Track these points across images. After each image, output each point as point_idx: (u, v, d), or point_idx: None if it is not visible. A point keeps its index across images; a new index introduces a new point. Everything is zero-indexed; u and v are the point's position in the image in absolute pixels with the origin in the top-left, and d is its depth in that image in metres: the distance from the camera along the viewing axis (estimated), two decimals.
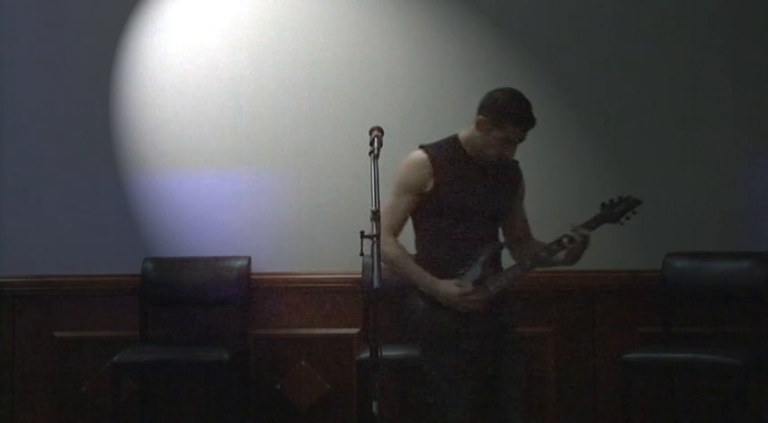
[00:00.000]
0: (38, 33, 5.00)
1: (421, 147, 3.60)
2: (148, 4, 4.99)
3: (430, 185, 3.51)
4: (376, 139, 3.38)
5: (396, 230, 3.55)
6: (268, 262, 4.90)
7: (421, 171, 3.53)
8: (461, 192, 3.52)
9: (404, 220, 3.57)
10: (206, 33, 4.98)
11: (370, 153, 3.33)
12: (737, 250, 4.70)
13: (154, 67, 4.98)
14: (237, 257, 4.88)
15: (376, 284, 3.03)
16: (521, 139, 3.54)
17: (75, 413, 4.90)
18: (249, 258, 4.87)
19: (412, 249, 3.56)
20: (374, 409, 3.07)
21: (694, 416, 4.71)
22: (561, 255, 3.52)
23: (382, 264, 3.25)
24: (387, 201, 3.49)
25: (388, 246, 3.45)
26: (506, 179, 3.64)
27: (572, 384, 4.80)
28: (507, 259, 3.62)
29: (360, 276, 4.71)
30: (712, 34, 4.90)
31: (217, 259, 4.89)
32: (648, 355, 4.47)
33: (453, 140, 3.63)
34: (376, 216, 3.16)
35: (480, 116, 3.54)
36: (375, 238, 3.13)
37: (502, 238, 3.67)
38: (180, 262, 4.91)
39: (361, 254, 3.17)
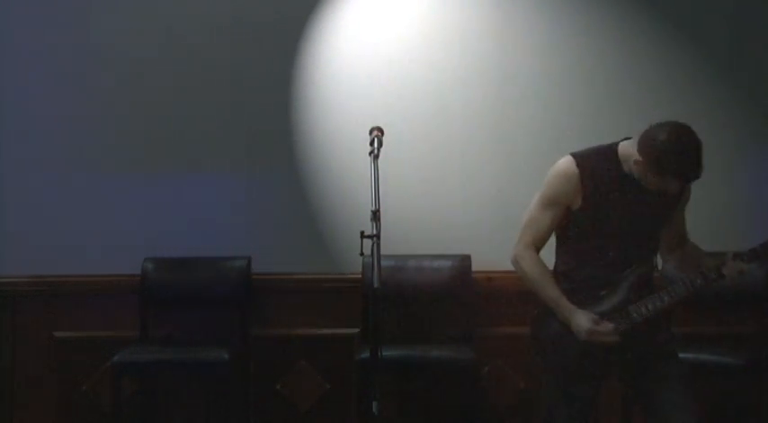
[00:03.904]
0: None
1: (572, 155, 3.26)
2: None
3: (578, 202, 3.21)
4: (376, 139, 3.38)
5: (539, 246, 3.27)
6: (268, 262, 4.89)
7: (568, 185, 3.21)
8: (612, 211, 3.19)
9: (548, 235, 3.29)
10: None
11: (370, 153, 3.33)
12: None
13: (152, 66, 5.00)
14: (237, 257, 4.88)
15: (376, 284, 3.03)
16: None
17: (75, 413, 4.90)
18: (249, 258, 4.87)
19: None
20: (374, 409, 3.07)
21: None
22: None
23: (527, 282, 3.20)
24: (530, 211, 3.30)
25: (527, 263, 3.25)
26: (668, 195, 3.25)
27: None
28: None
29: (360, 276, 4.71)
30: (712, 33, 4.92)
31: (217, 259, 4.89)
32: None
33: (611, 152, 3.23)
34: (376, 216, 3.15)
35: (638, 156, 3.11)
36: (375, 238, 3.12)
37: (658, 257, 3.36)
38: (180, 262, 4.91)
39: (361, 254, 3.17)
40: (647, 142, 3.10)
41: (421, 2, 4.97)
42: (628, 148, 3.20)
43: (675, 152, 3.05)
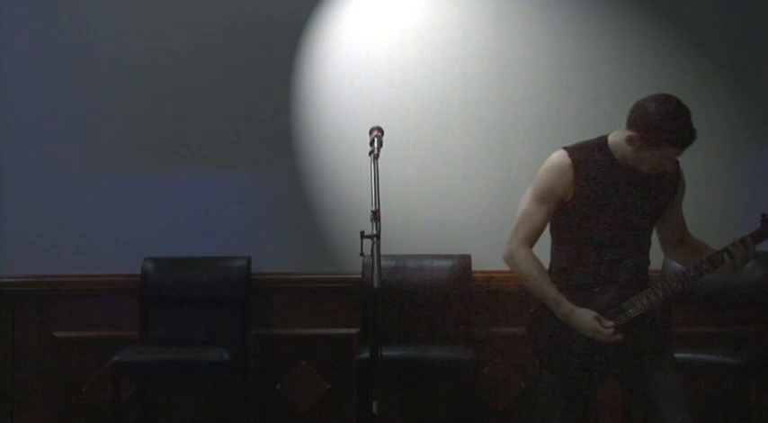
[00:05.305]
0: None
1: (564, 148, 3.28)
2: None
3: (570, 194, 3.22)
4: (376, 139, 3.38)
5: (532, 241, 3.26)
6: (268, 262, 4.89)
7: (562, 177, 3.21)
8: (605, 204, 3.20)
9: (541, 230, 3.28)
10: None
11: (370, 153, 3.33)
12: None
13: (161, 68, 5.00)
14: (237, 257, 4.88)
15: (376, 284, 3.03)
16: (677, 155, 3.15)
17: (75, 413, 4.90)
18: (249, 258, 4.87)
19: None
20: (374, 409, 3.07)
21: (694, 416, 4.71)
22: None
23: (522, 281, 3.20)
24: (523, 206, 3.28)
25: (522, 260, 3.24)
26: (661, 185, 3.27)
27: None
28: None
29: (360, 276, 4.71)
30: (712, 33, 4.92)
31: (217, 259, 4.89)
32: None
33: (601, 144, 3.25)
34: (376, 216, 3.15)
35: (630, 132, 3.14)
36: (375, 238, 3.11)
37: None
38: (180, 262, 4.91)
39: (361, 254, 3.17)
40: (637, 114, 3.14)
41: (421, 2, 4.97)
42: (617, 136, 3.23)
43: (668, 118, 3.08)
